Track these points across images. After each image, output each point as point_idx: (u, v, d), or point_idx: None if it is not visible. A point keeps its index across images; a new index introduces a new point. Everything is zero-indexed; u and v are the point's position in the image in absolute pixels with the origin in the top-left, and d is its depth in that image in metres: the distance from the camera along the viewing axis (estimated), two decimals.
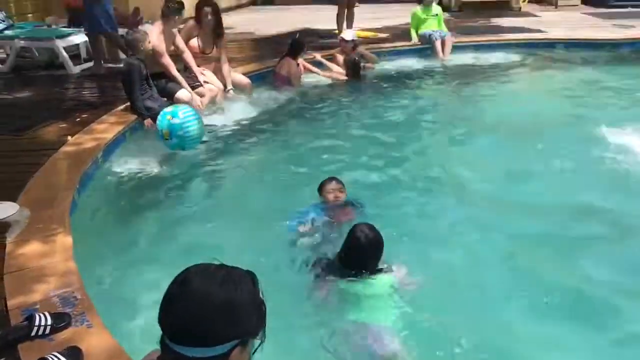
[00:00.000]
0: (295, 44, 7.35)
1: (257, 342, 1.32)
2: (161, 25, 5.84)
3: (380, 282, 2.95)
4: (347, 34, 8.04)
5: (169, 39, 5.90)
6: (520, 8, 13.10)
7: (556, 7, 13.38)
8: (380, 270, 2.98)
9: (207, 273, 1.29)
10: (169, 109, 4.99)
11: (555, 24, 11.07)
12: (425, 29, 8.87)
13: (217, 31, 6.32)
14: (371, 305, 2.89)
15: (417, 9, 9.00)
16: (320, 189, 3.87)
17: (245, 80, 6.82)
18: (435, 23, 8.90)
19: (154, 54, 5.67)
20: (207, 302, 1.23)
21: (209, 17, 6.18)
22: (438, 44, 8.66)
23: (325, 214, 3.70)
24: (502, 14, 12.43)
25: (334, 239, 3.39)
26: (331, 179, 3.92)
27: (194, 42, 6.34)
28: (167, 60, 5.81)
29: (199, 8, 6.24)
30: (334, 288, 2.98)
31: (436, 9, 8.99)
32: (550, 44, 9.47)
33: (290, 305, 2.87)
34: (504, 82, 7.81)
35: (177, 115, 4.85)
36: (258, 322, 1.30)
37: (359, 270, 2.95)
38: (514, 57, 8.99)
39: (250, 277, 1.32)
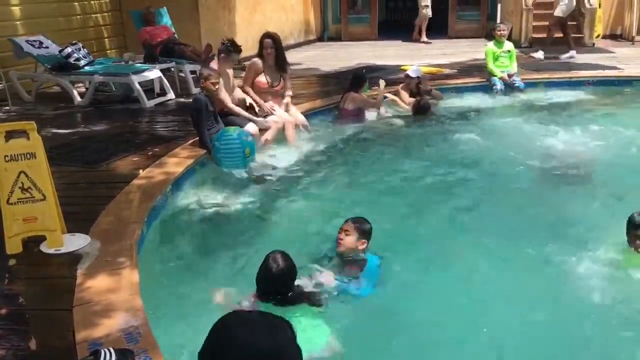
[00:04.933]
0: (356, 77, 7.43)
1: None
2: (216, 63, 6.08)
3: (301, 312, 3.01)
4: (412, 71, 8.01)
5: (226, 76, 6.04)
6: (594, 44, 12.67)
7: (633, 43, 12.86)
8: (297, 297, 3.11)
9: (249, 322, 1.32)
10: (234, 130, 5.40)
11: (633, 60, 10.62)
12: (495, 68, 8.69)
13: (280, 63, 6.43)
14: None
15: (490, 45, 8.87)
16: None
17: (301, 118, 6.74)
18: (507, 60, 8.73)
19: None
20: (255, 351, 1.25)
21: (270, 49, 6.32)
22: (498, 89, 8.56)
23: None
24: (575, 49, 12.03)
25: None
26: (350, 220, 3.72)
27: (262, 77, 6.47)
28: (222, 95, 5.96)
29: (260, 42, 6.40)
30: None
31: (508, 44, 8.82)
32: (627, 82, 9.05)
33: None
34: (576, 121, 7.48)
35: (248, 134, 5.55)
36: None
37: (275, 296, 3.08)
38: (587, 95, 8.65)
39: (288, 323, 1.36)
